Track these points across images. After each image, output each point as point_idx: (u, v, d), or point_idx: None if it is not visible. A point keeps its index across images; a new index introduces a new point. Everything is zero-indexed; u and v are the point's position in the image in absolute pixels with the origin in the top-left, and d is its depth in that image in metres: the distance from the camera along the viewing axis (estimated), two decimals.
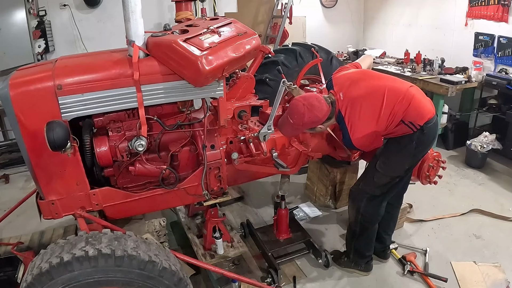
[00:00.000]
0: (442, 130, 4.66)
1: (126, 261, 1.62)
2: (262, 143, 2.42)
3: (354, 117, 2.18)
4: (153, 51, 2.03)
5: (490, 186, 3.87)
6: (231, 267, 2.75)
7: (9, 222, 3.02)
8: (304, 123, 2.19)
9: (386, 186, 2.40)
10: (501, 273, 2.65)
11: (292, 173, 2.77)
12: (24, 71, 1.95)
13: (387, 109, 2.15)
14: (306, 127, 2.26)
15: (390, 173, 2.35)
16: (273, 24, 5.95)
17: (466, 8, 4.71)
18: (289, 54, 3.39)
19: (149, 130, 2.10)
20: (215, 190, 2.39)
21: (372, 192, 2.44)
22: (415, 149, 2.25)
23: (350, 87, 2.24)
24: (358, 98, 2.20)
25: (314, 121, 2.19)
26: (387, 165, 2.35)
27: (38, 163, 1.93)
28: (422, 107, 2.19)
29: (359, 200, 2.49)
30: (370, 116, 2.17)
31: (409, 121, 2.16)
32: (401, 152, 2.29)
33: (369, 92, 2.20)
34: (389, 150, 2.35)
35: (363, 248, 2.61)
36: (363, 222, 2.51)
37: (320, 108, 2.16)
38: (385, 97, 2.16)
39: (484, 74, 4.37)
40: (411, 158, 2.31)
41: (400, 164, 2.33)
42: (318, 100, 2.17)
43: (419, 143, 2.22)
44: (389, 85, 2.23)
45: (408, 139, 2.22)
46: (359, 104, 2.19)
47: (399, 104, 2.15)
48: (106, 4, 4.95)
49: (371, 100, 2.18)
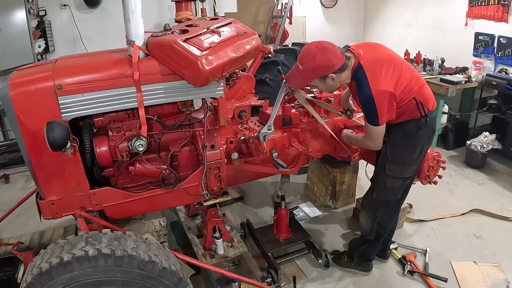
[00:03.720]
0: (442, 130, 4.66)
1: (126, 261, 1.62)
2: (262, 143, 2.42)
3: (376, 70, 2.04)
4: (153, 51, 2.03)
5: (490, 186, 3.87)
6: (231, 267, 2.75)
7: (9, 222, 3.02)
8: (314, 67, 2.02)
9: (400, 189, 2.40)
10: (501, 273, 2.65)
11: (292, 173, 2.76)
12: (24, 71, 1.94)
13: (405, 79, 2.09)
14: (317, 74, 2.07)
15: (400, 172, 2.33)
16: (273, 24, 5.95)
17: (466, 8, 4.71)
18: (289, 54, 3.39)
19: (149, 130, 2.10)
20: (215, 190, 2.39)
21: (387, 199, 2.42)
22: (422, 138, 2.23)
23: (369, 49, 2.17)
24: (379, 58, 2.11)
25: (327, 66, 2.02)
26: (396, 163, 2.31)
27: (38, 163, 1.93)
28: (431, 95, 2.24)
29: (375, 210, 2.48)
30: (391, 76, 2.05)
31: (420, 101, 2.15)
32: (409, 142, 2.26)
33: (389, 58, 2.14)
34: (395, 144, 2.30)
35: (370, 253, 2.63)
36: (379, 231, 2.52)
37: (334, 53, 2.01)
38: (403, 67, 2.14)
39: (484, 74, 4.37)
40: (418, 148, 2.26)
41: (408, 158, 2.29)
42: (331, 44, 2.03)
43: (424, 132, 2.22)
44: (406, 62, 2.24)
45: (415, 125, 2.21)
46: (380, 63, 2.07)
47: (415, 80, 2.14)
48: (106, 4, 4.94)
49: (391, 64, 2.09)
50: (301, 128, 2.69)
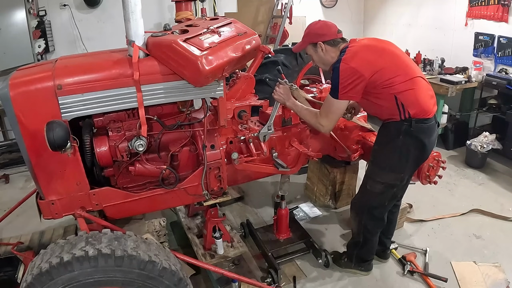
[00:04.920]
0: (442, 130, 4.66)
1: (126, 261, 1.62)
2: (262, 143, 2.42)
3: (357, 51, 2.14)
4: (153, 51, 2.03)
5: (490, 186, 3.87)
6: (231, 267, 2.75)
7: (9, 222, 3.02)
8: (310, 31, 2.31)
9: (381, 196, 2.35)
10: (501, 273, 2.65)
11: (292, 173, 2.77)
12: (24, 71, 1.94)
13: (389, 72, 2.10)
14: (310, 38, 2.30)
15: (378, 175, 2.29)
16: (273, 24, 5.95)
17: (466, 8, 4.71)
18: (289, 54, 3.39)
19: (149, 130, 2.10)
20: (215, 190, 2.39)
21: (369, 203, 2.41)
22: (403, 145, 2.17)
23: (371, 40, 2.36)
24: (372, 46, 2.23)
25: (318, 34, 2.27)
26: (375, 165, 2.32)
27: (38, 163, 1.93)
28: (422, 100, 2.13)
29: (360, 213, 2.48)
30: (368, 60, 2.11)
31: (401, 102, 2.11)
32: (387, 146, 2.24)
33: (382, 49, 2.21)
34: (377, 143, 2.34)
35: (365, 255, 2.62)
36: (366, 234, 2.50)
37: (330, 27, 2.29)
38: (396, 63, 2.15)
39: (484, 74, 4.37)
40: (398, 154, 2.20)
41: (387, 162, 2.25)
42: (333, 24, 2.32)
43: (406, 138, 2.15)
44: (405, 61, 2.22)
45: (395, 128, 2.17)
46: (367, 48, 2.19)
47: (403, 79, 2.10)
48: (106, 4, 4.95)
49: (381, 53, 2.16)
50: (301, 128, 2.70)
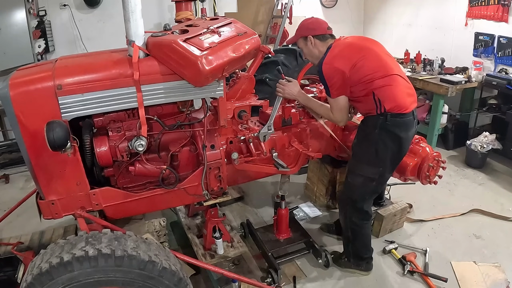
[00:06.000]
0: (442, 130, 4.66)
1: (126, 261, 1.62)
2: (262, 143, 2.42)
3: (339, 50, 2.26)
4: (153, 51, 2.03)
5: (490, 186, 3.87)
6: (231, 267, 2.75)
7: (9, 222, 3.02)
8: (302, 25, 2.42)
9: (362, 189, 2.40)
10: (501, 273, 2.65)
11: (292, 173, 2.77)
12: (24, 71, 1.94)
13: (368, 68, 2.19)
14: (301, 32, 2.41)
15: (357, 168, 2.38)
16: (273, 24, 5.95)
17: (466, 8, 4.71)
18: (289, 54, 3.39)
19: (149, 130, 2.10)
20: (215, 190, 2.39)
21: (351, 196, 2.45)
22: (379, 139, 2.24)
23: (356, 38, 2.45)
24: (354, 44, 2.34)
25: (309, 28, 2.39)
26: (354, 156, 2.42)
27: (38, 163, 1.93)
28: (398, 96, 2.21)
29: (344, 206, 2.53)
30: (349, 57, 2.22)
31: (378, 97, 2.19)
32: (365, 140, 2.33)
33: (363, 47, 2.30)
34: (356, 136, 2.43)
35: (360, 250, 2.62)
36: (353, 227, 2.52)
37: (320, 23, 2.41)
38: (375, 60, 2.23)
39: (484, 74, 4.37)
40: (373, 148, 2.26)
41: (363, 155, 2.34)
42: (324, 21, 2.43)
43: (382, 132, 2.23)
44: (384, 59, 2.27)
45: (372, 122, 2.26)
46: (348, 46, 2.31)
47: (382, 76, 2.19)
48: (106, 4, 4.94)
49: (360, 50, 2.25)
50: (301, 128, 2.70)
